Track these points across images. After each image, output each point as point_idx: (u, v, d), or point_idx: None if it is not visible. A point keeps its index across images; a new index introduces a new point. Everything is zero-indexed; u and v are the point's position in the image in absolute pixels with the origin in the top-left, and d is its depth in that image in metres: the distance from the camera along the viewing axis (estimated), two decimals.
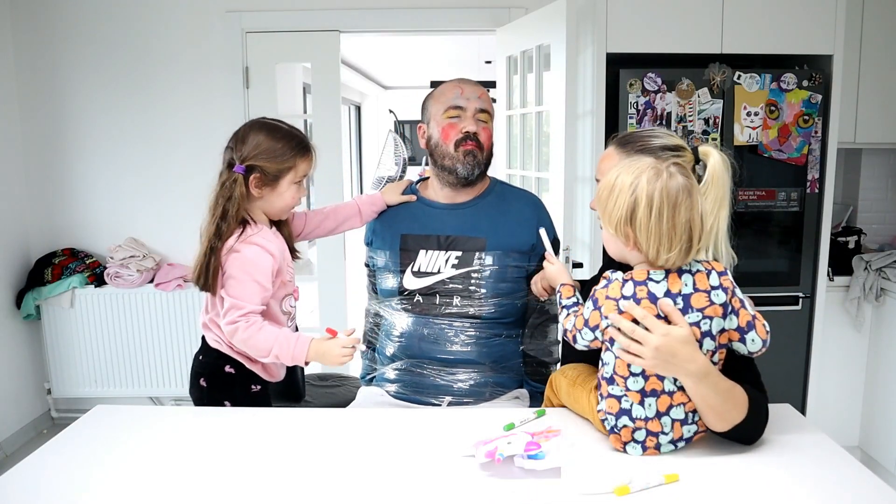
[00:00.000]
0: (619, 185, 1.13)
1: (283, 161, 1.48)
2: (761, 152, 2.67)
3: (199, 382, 1.54)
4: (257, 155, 1.46)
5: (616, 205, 1.12)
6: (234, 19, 3.11)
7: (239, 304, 1.43)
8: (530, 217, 1.68)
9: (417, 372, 1.64)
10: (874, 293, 2.79)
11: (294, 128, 1.55)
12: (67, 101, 3.19)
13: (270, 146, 1.47)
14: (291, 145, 1.49)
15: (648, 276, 1.13)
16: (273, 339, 1.42)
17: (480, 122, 1.65)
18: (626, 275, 1.15)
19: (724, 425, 1.14)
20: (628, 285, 1.13)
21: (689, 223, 1.10)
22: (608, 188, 1.15)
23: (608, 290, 1.16)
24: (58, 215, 3.26)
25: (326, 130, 3.21)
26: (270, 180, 1.48)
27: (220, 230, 1.45)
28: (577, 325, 1.21)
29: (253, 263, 1.44)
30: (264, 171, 1.47)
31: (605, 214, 1.15)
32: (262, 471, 1.15)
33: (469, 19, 3.12)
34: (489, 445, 1.12)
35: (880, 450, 2.82)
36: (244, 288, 1.43)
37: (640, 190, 1.10)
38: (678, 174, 1.11)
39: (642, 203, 1.10)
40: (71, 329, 3.17)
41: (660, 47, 2.65)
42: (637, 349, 1.10)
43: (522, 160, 2.90)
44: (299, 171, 1.51)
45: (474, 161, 1.63)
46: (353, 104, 8.01)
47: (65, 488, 1.10)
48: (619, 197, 1.12)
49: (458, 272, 1.63)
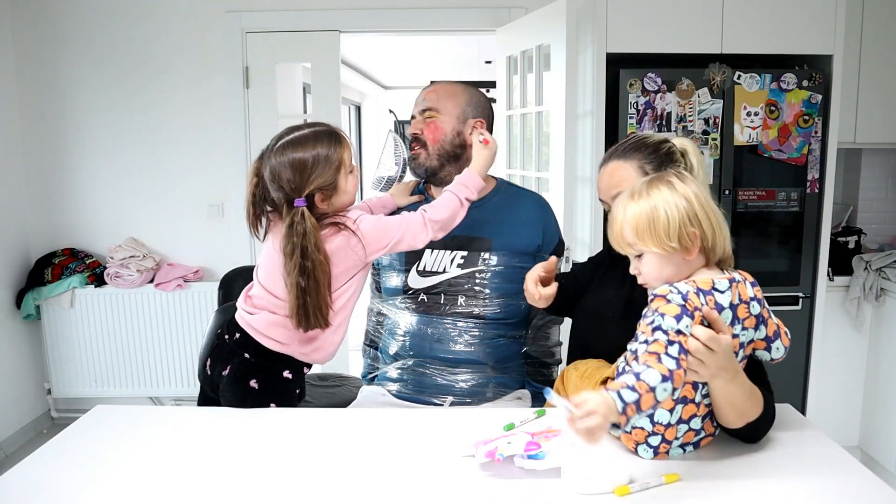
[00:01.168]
0: (655, 203, 1.11)
1: (330, 164, 1.41)
2: (761, 152, 2.67)
3: (247, 383, 1.46)
4: (307, 178, 1.39)
5: (669, 217, 1.09)
6: (234, 19, 3.11)
7: (408, 216, 1.48)
8: (536, 218, 1.69)
9: (420, 371, 1.64)
10: (874, 293, 2.79)
11: (310, 123, 1.48)
12: (67, 101, 3.19)
13: (311, 160, 1.39)
14: (326, 145, 1.42)
15: (714, 287, 1.10)
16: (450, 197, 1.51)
17: (427, 119, 1.68)
18: (689, 283, 1.10)
19: (741, 422, 1.14)
20: (700, 296, 1.08)
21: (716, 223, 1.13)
22: (645, 215, 1.11)
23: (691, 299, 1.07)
24: (58, 215, 3.26)
25: None
26: (332, 189, 1.43)
27: (305, 270, 1.37)
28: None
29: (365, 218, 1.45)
30: (323, 188, 1.41)
31: (655, 237, 1.10)
32: (262, 471, 1.15)
33: (469, 19, 3.12)
34: (489, 445, 1.12)
35: (880, 450, 2.82)
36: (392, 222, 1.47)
37: (682, 192, 1.10)
38: (684, 173, 1.15)
39: (693, 200, 1.10)
40: (71, 329, 3.17)
41: (660, 47, 2.65)
42: (709, 359, 1.05)
43: (522, 160, 2.90)
44: (346, 161, 1.45)
45: (416, 163, 1.70)
46: (353, 104, 8.00)
47: (65, 488, 1.10)
48: (666, 210, 1.10)
49: (464, 272, 1.64)
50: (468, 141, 1.68)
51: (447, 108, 1.67)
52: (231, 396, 1.48)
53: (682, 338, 1.03)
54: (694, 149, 1.35)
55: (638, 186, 1.15)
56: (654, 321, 1.05)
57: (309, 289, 1.37)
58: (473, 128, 1.67)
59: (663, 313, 1.05)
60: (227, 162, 3.16)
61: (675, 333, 1.03)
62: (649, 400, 0.97)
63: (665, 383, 0.98)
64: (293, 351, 1.47)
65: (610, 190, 1.38)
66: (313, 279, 1.37)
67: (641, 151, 1.36)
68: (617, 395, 0.97)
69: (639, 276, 1.16)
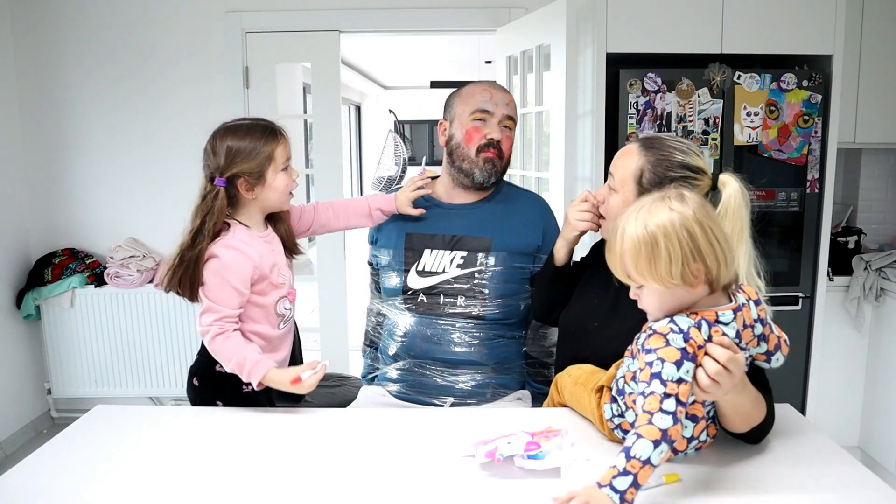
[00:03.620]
0: (657, 231, 1.02)
1: (258, 155, 1.46)
2: (761, 152, 2.67)
3: (192, 382, 1.55)
4: (232, 160, 1.45)
5: (671, 254, 1.01)
6: (234, 19, 3.11)
7: (214, 307, 1.43)
8: (536, 219, 1.69)
9: (420, 372, 1.64)
10: (874, 293, 2.79)
11: (256, 119, 1.52)
12: (67, 101, 3.19)
13: (240, 147, 1.45)
14: (259, 137, 1.47)
15: (718, 320, 1.05)
16: (234, 353, 1.42)
17: (505, 128, 1.64)
18: (692, 317, 1.04)
19: (746, 427, 1.15)
20: (704, 328, 1.04)
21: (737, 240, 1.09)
22: (645, 250, 1.03)
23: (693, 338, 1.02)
24: (58, 215, 3.26)
25: (326, 130, 3.21)
26: (256, 178, 1.47)
27: (194, 241, 1.43)
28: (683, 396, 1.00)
29: (229, 267, 1.43)
30: (247, 174, 1.45)
31: (656, 275, 1.03)
32: (262, 471, 1.15)
33: (469, 19, 3.12)
34: (489, 445, 1.12)
35: (880, 450, 2.82)
36: (220, 292, 1.43)
37: (686, 219, 1.02)
38: (689, 192, 1.07)
39: (696, 229, 1.01)
40: (71, 329, 3.17)
41: (660, 47, 2.65)
42: (726, 380, 1.01)
43: (522, 160, 2.90)
44: (278, 158, 1.48)
45: (493, 169, 1.63)
46: (353, 104, 8.00)
47: (65, 488, 1.10)
48: (668, 247, 1.01)
49: (463, 272, 1.63)
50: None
51: (515, 122, 1.68)
52: (188, 397, 1.56)
53: (683, 387, 0.99)
54: (734, 194, 1.19)
55: (638, 212, 1.06)
56: (654, 366, 1.01)
57: (189, 259, 1.42)
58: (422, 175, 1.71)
59: (663, 359, 1.00)
60: None
61: (674, 384, 0.99)
62: (647, 472, 0.95)
63: (659, 446, 0.95)
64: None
65: (614, 168, 1.36)
66: (198, 252, 1.43)
67: (657, 155, 1.29)
68: (610, 488, 0.94)
69: (638, 301, 1.11)
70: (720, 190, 1.25)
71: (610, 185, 1.37)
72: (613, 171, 1.36)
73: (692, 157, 1.29)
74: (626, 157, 1.34)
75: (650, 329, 1.06)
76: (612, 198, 1.36)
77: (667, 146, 1.31)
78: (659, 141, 1.33)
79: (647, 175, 1.29)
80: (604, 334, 1.35)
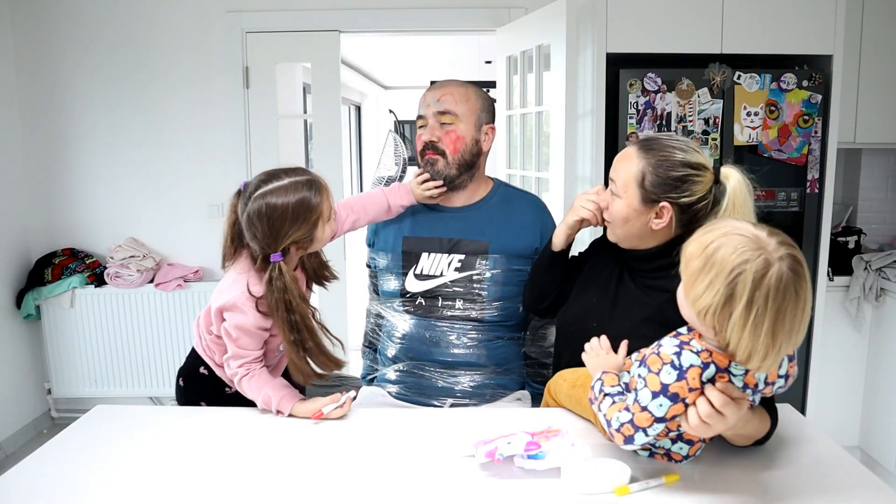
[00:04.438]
0: (717, 262, 0.93)
1: (309, 217, 1.37)
2: (761, 152, 2.67)
3: (178, 382, 1.56)
4: (284, 233, 1.35)
5: (709, 289, 0.93)
6: (234, 19, 3.11)
7: (240, 353, 1.40)
8: (533, 220, 1.68)
9: (419, 374, 1.64)
10: (874, 293, 2.79)
11: (289, 169, 1.40)
12: (68, 101, 3.19)
13: (289, 213, 1.34)
14: (305, 196, 1.36)
15: (729, 369, 1.00)
16: (260, 391, 1.39)
17: (444, 125, 1.61)
18: (702, 355, 0.99)
19: (748, 443, 1.15)
20: (710, 369, 0.99)
21: (791, 331, 0.93)
22: (702, 258, 0.95)
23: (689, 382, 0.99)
24: (58, 215, 3.26)
25: (326, 130, 3.20)
26: (308, 241, 1.40)
27: (294, 325, 1.37)
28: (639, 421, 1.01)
29: (253, 324, 1.39)
30: (299, 241, 1.38)
31: (690, 291, 0.97)
32: (262, 471, 1.15)
33: (469, 19, 3.12)
34: (489, 445, 1.12)
35: (880, 450, 2.82)
36: (244, 341, 1.40)
37: (742, 282, 0.91)
38: (787, 268, 0.92)
39: (742, 300, 0.91)
40: (71, 329, 3.17)
41: (660, 47, 2.65)
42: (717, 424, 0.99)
43: (522, 160, 2.90)
44: (325, 211, 1.40)
45: (433, 170, 1.62)
46: (353, 104, 8.00)
47: (65, 488, 1.10)
48: (714, 279, 0.93)
49: (461, 276, 1.63)
50: (484, 149, 1.66)
51: (464, 113, 1.61)
52: (176, 398, 1.57)
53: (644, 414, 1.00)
54: (738, 187, 1.22)
55: (742, 233, 0.96)
56: (638, 383, 1.02)
57: (300, 342, 1.37)
58: None
59: (646, 382, 1.00)
60: (227, 162, 3.16)
61: (639, 407, 1.01)
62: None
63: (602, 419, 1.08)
64: (201, 351, 1.52)
65: (614, 173, 1.36)
66: (306, 330, 1.38)
67: (657, 156, 1.29)
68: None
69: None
70: (723, 183, 1.26)
71: (612, 190, 1.35)
72: (614, 176, 1.35)
73: (692, 155, 1.29)
74: (626, 162, 1.33)
75: (658, 346, 1.04)
76: (615, 203, 1.34)
77: (665, 146, 1.30)
78: (657, 142, 1.32)
79: (650, 178, 1.29)
80: (603, 334, 1.35)
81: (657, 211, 1.30)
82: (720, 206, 1.26)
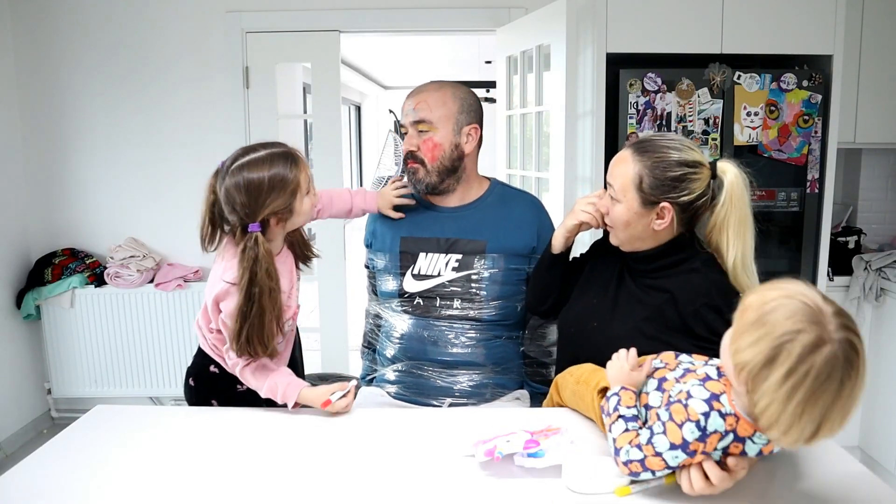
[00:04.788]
0: (769, 323, 0.89)
1: (285, 189, 1.37)
2: (761, 152, 2.67)
3: (188, 382, 1.55)
4: (263, 203, 1.36)
5: (753, 346, 0.89)
6: (234, 19, 3.11)
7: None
8: (531, 220, 1.68)
9: (418, 374, 1.64)
10: (874, 293, 2.79)
11: (268, 145, 1.42)
12: (68, 102, 3.19)
13: (266, 184, 1.35)
14: (282, 168, 1.37)
15: (752, 437, 0.97)
16: (265, 380, 1.40)
17: (421, 132, 1.62)
18: (728, 421, 0.96)
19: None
20: (726, 440, 0.97)
21: (822, 416, 0.87)
22: (756, 312, 0.91)
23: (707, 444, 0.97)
24: (58, 215, 3.26)
25: (326, 130, 3.20)
26: (287, 212, 1.41)
27: (250, 296, 1.34)
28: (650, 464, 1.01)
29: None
30: (277, 212, 1.38)
31: (734, 342, 0.93)
32: (261, 471, 1.15)
33: (469, 19, 3.12)
34: (488, 444, 1.12)
35: (880, 450, 2.82)
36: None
37: (788, 351, 0.86)
38: (840, 352, 0.85)
39: (781, 368, 0.87)
40: (71, 329, 3.16)
41: (660, 47, 2.65)
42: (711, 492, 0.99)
43: (522, 160, 2.90)
44: (302, 184, 1.41)
45: (415, 178, 1.64)
46: (353, 104, 8.00)
47: (65, 488, 1.10)
48: (761, 338, 0.89)
49: (459, 275, 1.63)
50: (466, 151, 1.64)
51: (441, 119, 1.60)
52: (185, 398, 1.57)
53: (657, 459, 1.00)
54: (735, 181, 1.24)
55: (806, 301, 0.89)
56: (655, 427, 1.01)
57: (250, 315, 1.35)
58: None
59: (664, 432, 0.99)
60: None
61: (651, 449, 1.00)
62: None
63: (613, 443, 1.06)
64: (210, 351, 1.52)
65: (611, 177, 1.34)
66: (258, 305, 1.35)
67: (652, 157, 1.29)
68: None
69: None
70: (720, 178, 1.26)
71: (611, 195, 1.34)
72: (611, 180, 1.34)
73: (687, 153, 1.29)
74: (622, 165, 1.32)
75: (688, 394, 1.00)
76: (615, 208, 1.34)
77: (660, 147, 1.29)
78: (651, 143, 1.31)
79: (647, 180, 1.28)
80: (604, 334, 1.35)
81: (658, 212, 1.30)
82: (718, 200, 1.26)
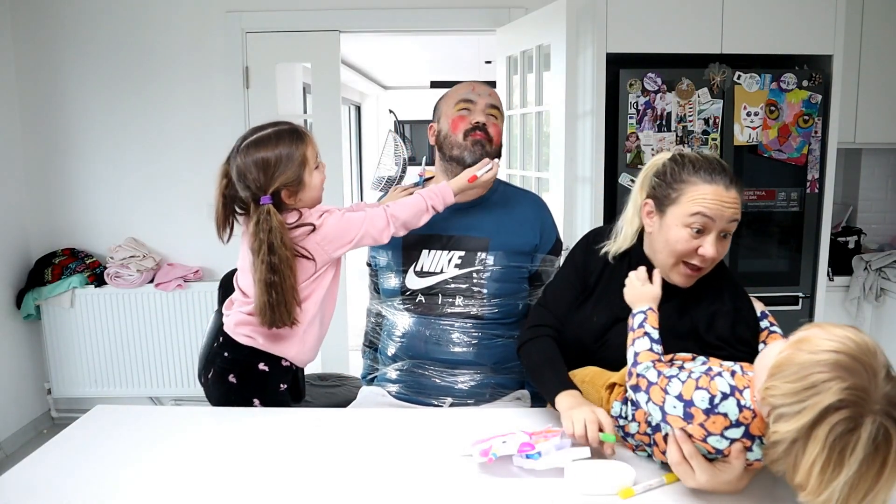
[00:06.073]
0: (814, 384, 0.81)
1: (293, 161, 1.44)
2: (761, 152, 2.67)
3: (227, 379, 1.50)
4: (272, 175, 1.42)
5: (794, 401, 0.82)
6: (234, 19, 3.11)
7: (371, 212, 1.51)
8: (533, 218, 1.68)
9: (419, 373, 1.64)
10: (874, 293, 2.80)
11: (275, 123, 1.50)
12: (68, 102, 3.19)
13: (275, 158, 1.42)
14: (288, 143, 1.45)
15: (763, 438, 0.96)
16: (416, 204, 1.53)
17: (491, 116, 1.66)
18: (746, 412, 0.93)
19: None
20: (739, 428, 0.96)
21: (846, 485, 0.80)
22: (801, 367, 0.83)
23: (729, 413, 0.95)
24: (58, 215, 3.26)
25: (326, 130, 3.20)
26: (297, 185, 1.46)
27: (273, 266, 1.38)
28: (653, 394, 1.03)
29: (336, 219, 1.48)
30: (288, 184, 1.44)
31: (773, 376, 0.86)
32: (262, 470, 1.15)
33: (469, 19, 3.12)
34: (484, 444, 1.12)
35: None
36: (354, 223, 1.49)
37: (827, 424, 0.79)
38: (882, 436, 0.79)
39: (816, 443, 0.80)
40: (71, 329, 3.17)
41: (660, 47, 2.65)
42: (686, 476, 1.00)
43: (522, 160, 2.90)
44: (310, 157, 1.47)
45: (482, 151, 1.62)
46: (353, 104, 8.00)
47: (65, 488, 1.10)
48: (806, 398, 0.81)
49: (461, 272, 1.63)
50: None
51: (501, 114, 1.70)
52: (216, 394, 1.53)
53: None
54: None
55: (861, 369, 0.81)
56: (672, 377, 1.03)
57: (275, 284, 1.39)
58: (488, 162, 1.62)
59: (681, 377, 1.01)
60: None
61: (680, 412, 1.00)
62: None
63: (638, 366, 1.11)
64: (261, 345, 1.50)
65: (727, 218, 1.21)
66: (280, 274, 1.40)
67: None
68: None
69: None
70: None
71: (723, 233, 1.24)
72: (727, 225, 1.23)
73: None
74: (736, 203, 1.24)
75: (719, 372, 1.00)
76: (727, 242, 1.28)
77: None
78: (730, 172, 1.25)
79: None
80: (601, 349, 1.34)
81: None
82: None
